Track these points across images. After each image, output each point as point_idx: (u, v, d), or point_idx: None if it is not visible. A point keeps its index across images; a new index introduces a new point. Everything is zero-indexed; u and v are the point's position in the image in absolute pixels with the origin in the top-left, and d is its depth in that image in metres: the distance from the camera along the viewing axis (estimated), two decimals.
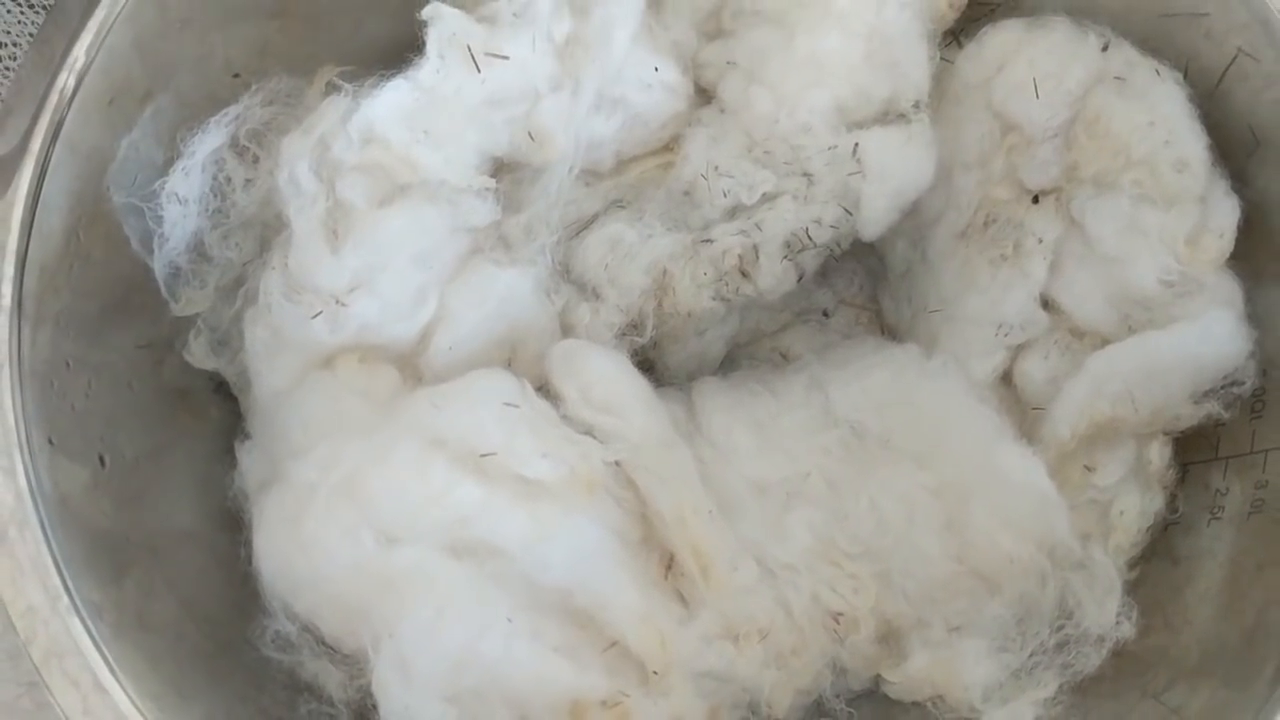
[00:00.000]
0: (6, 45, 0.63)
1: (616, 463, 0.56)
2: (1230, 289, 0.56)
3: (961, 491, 0.56)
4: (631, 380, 0.58)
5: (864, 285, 0.72)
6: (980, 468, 0.56)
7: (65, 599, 0.46)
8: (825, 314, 0.72)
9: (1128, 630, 0.54)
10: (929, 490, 0.57)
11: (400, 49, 0.57)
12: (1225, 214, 0.56)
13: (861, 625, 0.57)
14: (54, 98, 0.51)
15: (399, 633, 0.50)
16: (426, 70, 0.55)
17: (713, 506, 0.57)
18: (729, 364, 0.70)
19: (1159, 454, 0.59)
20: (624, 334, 0.62)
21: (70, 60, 0.51)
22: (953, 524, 0.56)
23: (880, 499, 0.57)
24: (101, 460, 0.52)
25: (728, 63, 0.61)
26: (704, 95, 0.63)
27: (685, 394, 0.62)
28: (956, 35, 0.62)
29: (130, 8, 0.52)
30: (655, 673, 0.53)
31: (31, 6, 0.63)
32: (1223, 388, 0.56)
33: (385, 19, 0.61)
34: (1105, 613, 0.54)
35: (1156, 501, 0.59)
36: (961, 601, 0.56)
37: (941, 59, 0.61)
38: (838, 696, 0.58)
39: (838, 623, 0.57)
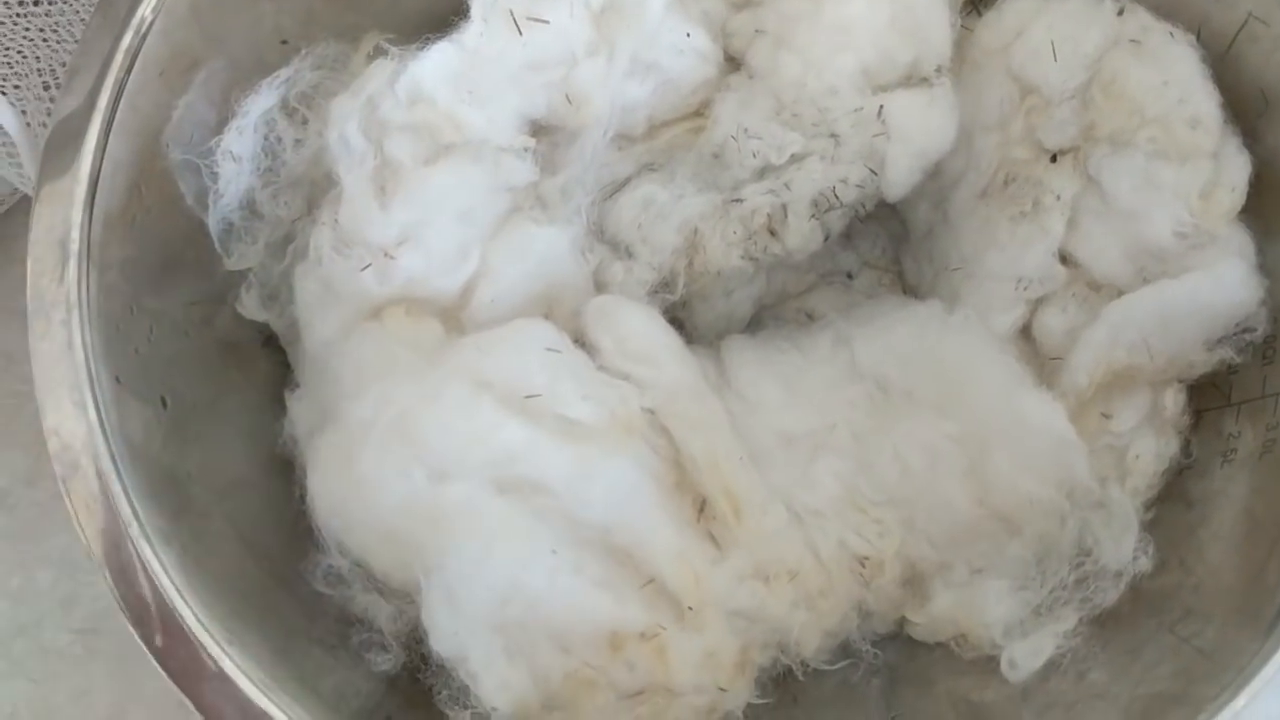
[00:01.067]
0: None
1: (651, 411, 0.58)
2: (1242, 240, 0.58)
3: (983, 438, 0.58)
4: (664, 333, 0.61)
5: (886, 248, 0.74)
6: (1001, 414, 0.58)
7: (136, 525, 0.48)
8: (849, 275, 0.73)
9: (1144, 565, 0.56)
10: (951, 438, 0.59)
11: (436, 20, 0.59)
12: (1237, 169, 0.58)
13: (886, 569, 0.59)
14: (118, 58, 0.53)
15: (448, 566, 0.52)
16: (471, 33, 0.57)
17: (743, 454, 0.58)
18: (755, 325, 0.71)
19: (1174, 400, 0.60)
20: (656, 291, 0.64)
21: (135, 21, 0.53)
22: (975, 470, 0.58)
23: (904, 448, 0.59)
24: (164, 401, 0.54)
25: (756, 30, 0.63)
26: (733, 63, 0.64)
27: (714, 351, 0.64)
28: (976, 3, 0.64)
29: None
30: (690, 608, 0.55)
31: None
32: (1235, 334, 0.58)
33: None
34: (1123, 549, 0.56)
35: (1171, 446, 0.60)
36: (983, 544, 0.58)
37: (962, 26, 0.63)
38: (864, 638, 0.60)
39: (864, 566, 0.58)
